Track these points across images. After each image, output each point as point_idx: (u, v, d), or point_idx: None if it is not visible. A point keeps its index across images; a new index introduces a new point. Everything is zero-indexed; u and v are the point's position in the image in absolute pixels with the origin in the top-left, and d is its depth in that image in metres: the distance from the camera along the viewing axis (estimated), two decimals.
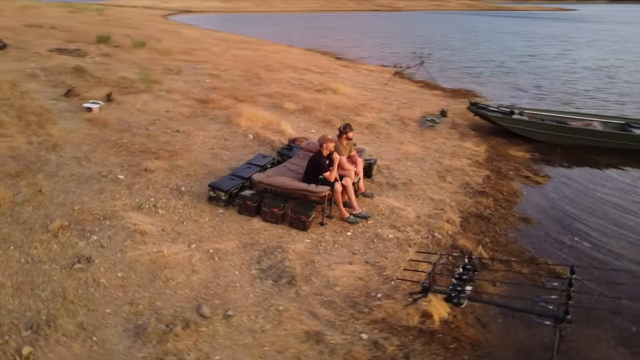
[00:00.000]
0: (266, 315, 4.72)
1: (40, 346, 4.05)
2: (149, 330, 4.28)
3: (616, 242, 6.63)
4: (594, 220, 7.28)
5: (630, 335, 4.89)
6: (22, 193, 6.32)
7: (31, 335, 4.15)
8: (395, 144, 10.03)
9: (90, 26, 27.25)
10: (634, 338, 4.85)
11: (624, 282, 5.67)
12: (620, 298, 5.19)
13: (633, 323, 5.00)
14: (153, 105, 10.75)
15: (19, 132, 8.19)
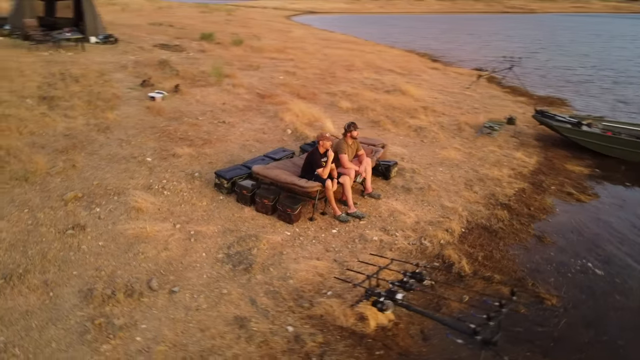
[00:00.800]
0: (208, 296, 4.97)
1: (5, 294, 4.70)
2: (95, 294, 4.76)
3: (619, 281, 5.85)
4: (618, 251, 6.47)
5: None
6: (57, 166, 7.23)
7: (2, 283, 4.83)
8: (438, 148, 9.68)
9: (208, 24, 29.50)
10: None
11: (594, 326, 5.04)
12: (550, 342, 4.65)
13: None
14: (212, 98, 11.51)
15: (82, 115, 9.33)
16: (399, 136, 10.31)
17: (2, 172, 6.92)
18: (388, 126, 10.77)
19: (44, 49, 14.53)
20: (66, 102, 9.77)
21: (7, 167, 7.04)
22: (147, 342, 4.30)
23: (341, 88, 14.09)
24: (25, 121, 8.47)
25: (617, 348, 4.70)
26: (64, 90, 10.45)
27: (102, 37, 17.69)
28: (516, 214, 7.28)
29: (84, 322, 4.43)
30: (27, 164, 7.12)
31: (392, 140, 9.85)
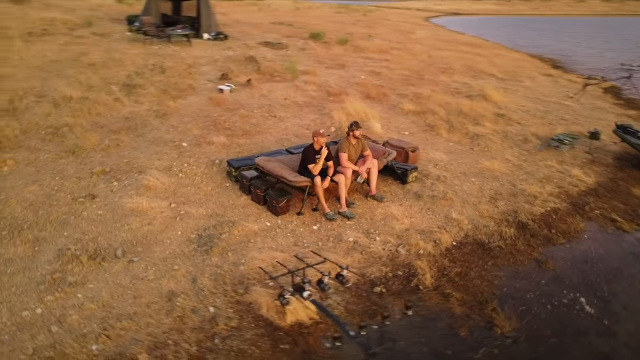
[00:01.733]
0: (159, 269, 5.43)
1: (3, 243, 5.64)
2: (66, 254, 5.49)
3: (606, 323, 5.07)
4: (630, 291, 5.60)
5: None
6: (104, 144, 8.30)
7: (6, 235, 5.79)
8: (484, 158, 9.08)
9: (332, 24, 30.37)
10: None
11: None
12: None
13: None
14: (278, 93, 12.05)
15: (150, 101, 10.48)
16: (448, 142, 9.83)
17: (59, 144, 8.11)
18: (442, 131, 10.31)
19: (156, 44, 16.33)
20: (143, 90, 11.00)
21: (64, 141, 8.23)
22: (84, 299, 4.86)
23: (418, 90, 13.73)
24: (98, 104, 9.76)
25: None
26: (147, 79, 11.75)
27: (214, 34, 19.31)
28: (530, 234, 6.61)
29: (46, 275, 5.14)
30: (81, 140, 8.24)
31: (438, 146, 9.45)
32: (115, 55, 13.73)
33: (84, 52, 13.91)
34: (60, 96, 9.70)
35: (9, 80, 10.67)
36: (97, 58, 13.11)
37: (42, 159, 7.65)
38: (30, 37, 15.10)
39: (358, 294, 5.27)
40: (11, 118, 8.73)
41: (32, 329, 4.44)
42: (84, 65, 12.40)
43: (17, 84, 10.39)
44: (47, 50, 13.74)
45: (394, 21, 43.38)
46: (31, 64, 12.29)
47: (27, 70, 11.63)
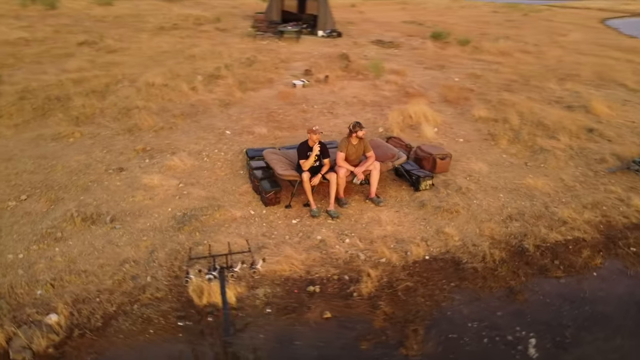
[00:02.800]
0: (131, 238, 6.11)
1: (33, 199, 6.84)
2: (68, 214, 6.46)
3: None
4: (606, 338, 4.79)
5: None
6: (158, 126, 9.37)
7: (39, 193, 7.00)
8: (533, 174, 8.23)
9: (475, 25, 29.07)
10: None
11: None
12: None
13: None
14: (351, 90, 12.16)
15: (221, 91, 11.40)
16: (503, 154, 9.05)
17: (122, 123, 9.36)
18: (502, 141, 9.51)
19: (265, 39, 17.46)
20: (222, 81, 11.99)
21: (128, 121, 9.46)
22: (57, 253, 5.72)
23: (510, 97, 12.68)
24: (174, 91, 10.95)
25: None
26: (232, 71, 12.75)
27: (328, 32, 19.94)
28: (524, 261, 5.96)
29: (43, 229, 6.13)
30: (141, 121, 9.39)
31: (486, 157, 8.76)
32: (219, 48, 15.05)
33: (195, 44, 15.49)
34: (145, 82, 11.03)
35: (118, 67, 12.44)
36: (200, 50, 14.52)
37: (103, 135, 8.88)
38: (160, 31, 17.24)
39: (290, 289, 5.31)
40: (99, 98, 10.23)
41: (6, 269, 5.36)
42: (185, 56, 13.86)
43: (123, 70, 12.07)
44: (164, 43, 15.60)
45: (557, 22, 39.54)
46: (145, 53, 14.11)
47: (138, 59, 13.40)
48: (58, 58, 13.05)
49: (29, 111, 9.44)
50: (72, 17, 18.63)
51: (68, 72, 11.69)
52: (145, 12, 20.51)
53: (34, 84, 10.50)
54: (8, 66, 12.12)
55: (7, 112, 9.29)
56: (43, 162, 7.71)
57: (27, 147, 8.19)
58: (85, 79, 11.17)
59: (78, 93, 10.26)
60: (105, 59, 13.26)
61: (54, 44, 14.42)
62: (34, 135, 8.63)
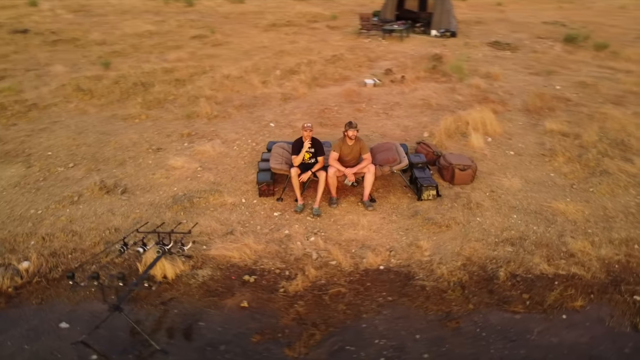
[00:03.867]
0: (128, 209, 6.88)
1: (76, 167, 8.10)
2: (94, 183, 7.51)
3: None
4: None
5: None
6: (213, 114, 10.24)
7: (83, 162, 8.26)
8: (569, 199, 7.35)
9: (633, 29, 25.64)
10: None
11: None
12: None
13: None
14: (421, 92, 11.82)
15: (289, 86, 11.94)
16: (552, 172, 8.10)
17: (184, 110, 10.39)
18: (559, 158, 8.47)
19: (369, 37, 17.55)
20: (296, 77, 12.51)
21: (191, 108, 10.46)
22: (65, 214, 6.72)
23: (606, 111, 11.19)
24: (245, 83, 11.76)
25: None
26: (311, 68, 13.20)
27: (442, 31, 19.31)
28: (487, 289, 5.45)
29: (67, 193, 7.24)
30: (201, 108, 10.33)
31: (528, 174, 7.92)
32: (314, 45, 15.58)
33: (294, 41, 16.24)
34: (223, 74, 12.03)
35: (212, 59, 13.69)
36: (294, 47, 15.20)
37: (164, 119, 9.98)
38: (271, 27, 18.36)
39: (228, 275, 5.60)
40: (177, 86, 11.46)
41: (21, 220, 6.51)
42: (276, 51, 14.65)
43: (213, 62, 13.27)
44: (267, 38, 16.61)
45: None
46: (242, 48, 15.24)
47: (233, 53, 14.57)
48: (167, 49, 14.76)
49: (117, 94, 10.94)
50: (201, 13, 20.74)
51: (166, 62, 13.20)
52: (269, 10, 21.91)
53: (132, 71, 12.10)
54: (124, 55, 14.08)
55: (99, 94, 10.89)
56: (102, 138, 8.95)
57: (98, 124, 9.56)
58: (176, 68, 12.51)
59: (162, 81, 11.57)
60: (206, 51, 14.63)
61: (171, 37, 16.30)
62: (109, 115, 10.01)
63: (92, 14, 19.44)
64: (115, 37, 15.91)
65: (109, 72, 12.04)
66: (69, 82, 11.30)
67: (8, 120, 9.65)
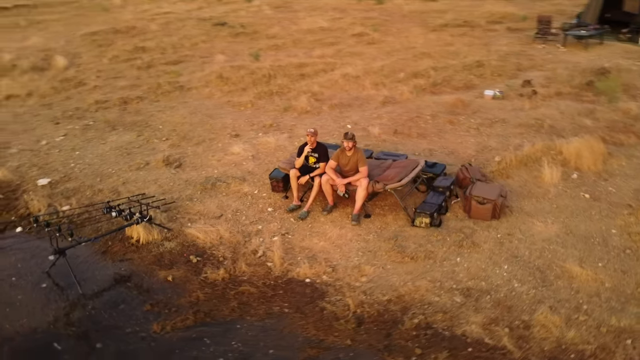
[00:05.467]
0: (167, 180, 8.18)
1: (155, 140, 9.92)
2: (159, 155, 9.12)
3: None
4: None
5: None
6: (306, 109, 11.03)
7: (165, 140, 10.02)
8: (601, 263, 6.06)
9: None
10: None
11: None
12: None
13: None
14: (545, 111, 10.12)
15: (398, 89, 11.88)
16: (613, 228, 6.57)
17: (285, 103, 11.39)
18: (631, 219, 6.90)
19: (544, 43, 15.70)
20: (415, 81, 12.28)
21: (290, 102, 11.40)
22: (126, 175, 8.39)
23: None
24: (357, 83, 12.14)
25: None
26: (440, 73, 12.67)
27: None
28: (384, 331, 5.16)
29: (142, 161, 8.90)
30: (298, 103, 11.18)
31: (581, 224, 6.54)
32: (469, 49, 14.70)
33: (450, 43, 15.62)
34: (342, 73, 12.60)
35: (351, 58, 14.33)
36: (443, 49, 14.66)
37: (264, 109, 11.11)
38: (441, 28, 17.84)
39: (182, 252, 6.43)
40: (295, 81, 12.49)
41: (97, 175, 8.40)
42: (418, 53, 14.41)
43: (348, 61, 13.90)
44: (426, 39, 16.23)
45: None
46: (390, 48, 15.36)
47: (376, 53, 14.88)
48: (320, 45, 15.84)
49: (244, 83, 12.52)
50: (384, 11, 21.20)
51: (307, 58, 14.33)
52: (456, 8, 21.02)
53: (270, 64, 13.56)
54: (280, 49, 15.69)
55: (232, 82, 12.61)
56: (204, 120, 10.54)
57: (211, 108, 11.23)
58: (309, 64, 13.54)
59: (287, 75, 12.75)
60: (354, 49, 15.25)
61: (334, 34, 17.32)
62: (225, 101, 11.62)
63: (288, 10, 21.77)
64: (287, 32, 17.67)
65: (253, 64, 13.68)
66: (217, 70, 13.28)
67: (156, 97, 12.00)
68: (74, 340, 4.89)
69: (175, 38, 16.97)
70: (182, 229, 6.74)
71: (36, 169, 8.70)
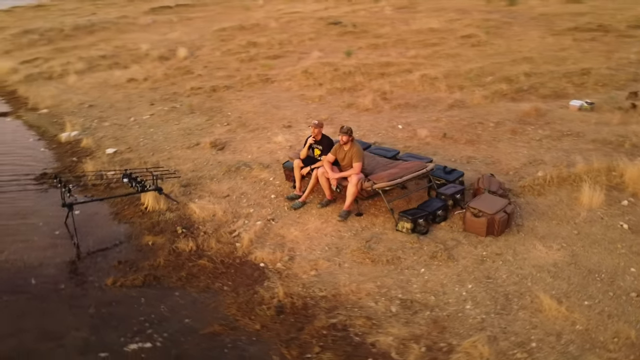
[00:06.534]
0: (204, 160, 8.93)
1: (224, 127, 10.72)
2: (211, 138, 9.92)
3: None
4: None
5: None
6: (368, 107, 11.01)
7: (227, 125, 10.79)
8: (583, 301, 5.26)
9: None
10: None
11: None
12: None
13: None
14: (634, 128, 9.04)
15: (477, 93, 11.18)
16: (625, 266, 5.71)
17: (350, 99, 11.45)
18: None
19: None
20: (498, 86, 11.46)
21: (354, 100, 11.43)
22: (175, 155, 9.33)
23: None
24: (431, 85, 11.70)
25: None
26: (529, 78, 11.64)
27: None
28: (298, 326, 5.09)
29: (194, 141, 9.80)
30: (362, 102, 11.15)
31: (603, 257, 5.61)
32: (580, 55, 13.17)
33: (566, 48, 14.11)
34: (422, 74, 12.23)
35: (446, 60, 13.81)
36: (551, 55, 13.28)
37: (330, 104, 11.29)
38: (567, 31, 16.09)
39: (174, 222, 7.00)
40: (373, 79, 12.45)
41: (154, 150, 9.48)
42: (519, 57, 13.27)
43: (439, 62, 13.42)
44: (539, 43, 14.81)
45: None
46: (494, 51, 14.39)
47: (478, 55, 14.05)
48: (421, 46, 15.42)
49: (324, 79, 12.80)
50: (509, 12, 19.65)
51: (399, 58, 14.13)
52: (598, 11, 18.61)
53: (360, 62, 13.68)
54: (377, 48, 15.64)
55: (314, 77, 12.99)
56: (269, 110, 11.09)
57: (282, 100, 11.75)
58: (395, 64, 13.38)
59: (365, 73, 12.76)
60: (452, 51, 14.57)
61: (439, 35, 16.67)
62: (298, 94, 12.07)
63: (409, 11, 21.43)
64: (396, 32, 17.47)
65: (342, 61, 13.91)
66: (306, 66, 13.80)
67: (241, 87, 12.94)
68: (48, 279, 5.66)
69: (286, 35, 17.89)
70: (188, 203, 7.23)
71: (112, 140, 9.99)
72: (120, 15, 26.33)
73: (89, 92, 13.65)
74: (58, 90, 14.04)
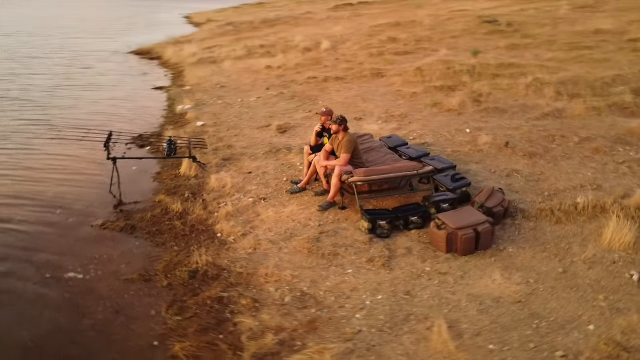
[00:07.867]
0: (262, 141, 9.67)
1: (297, 108, 11.22)
2: (279, 123, 10.50)
3: None
4: None
5: None
6: (452, 107, 10.39)
7: (309, 112, 11.23)
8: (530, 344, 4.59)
9: None
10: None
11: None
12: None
13: None
14: None
15: (565, 104, 9.62)
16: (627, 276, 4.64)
17: (438, 99, 10.90)
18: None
19: None
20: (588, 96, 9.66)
21: (443, 98, 10.82)
22: (244, 134, 10.23)
23: None
24: (538, 88, 10.40)
25: None
26: None
27: None
28: (192, 288, 5.50)
29: (269, 123, 10.59)
30: (448, 100, 10.54)
31: (575, 306, 4.92)
32: None
33: None
34: (535, 78, 10.90)
35: (567, 63, 12.01)
36: None
37: (415, 100, 10.99)
38: None
39: (191, 188, 7.71)
40: (482, 80, 11.55)
41: (230, 127, 10.55)
42: None
43: (560, 65, 11.73)
44: None
45: None
46: None
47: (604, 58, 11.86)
48: (570, 49, 13.46)
49: (432, 77, 12.25)
50: None
51: (529, 60, 12.69)
52: None
53: (480, 62, 12.75)
54: (515, 48, 14.16)
55: (423, 74, 12.52)
56: (356, 102, 11.13)
57: (376, 94, 11.65)
58: (520, 66, 12.09)
59: (478, 73, 11.84)
60: (604, 56, 12.50)
61: (604, 37, 14.21)
62: (395, 90, 11.85)
63: (590, 11, 18.59)
64: (551, 32, 15.44)
65: (462, 60, 13.10)
66: (425, 63, 13.40)
67: (351, 79, 13.21)
68: (70, 214, 6.90)
69: (431, 32, 17.35)
70: (210, 174, 7.91)
71: (210, 115, 11.29)
72: (305, 12, 28.50)
73: (232, 76, 15.38)
74: (211, 72, 16.13)
